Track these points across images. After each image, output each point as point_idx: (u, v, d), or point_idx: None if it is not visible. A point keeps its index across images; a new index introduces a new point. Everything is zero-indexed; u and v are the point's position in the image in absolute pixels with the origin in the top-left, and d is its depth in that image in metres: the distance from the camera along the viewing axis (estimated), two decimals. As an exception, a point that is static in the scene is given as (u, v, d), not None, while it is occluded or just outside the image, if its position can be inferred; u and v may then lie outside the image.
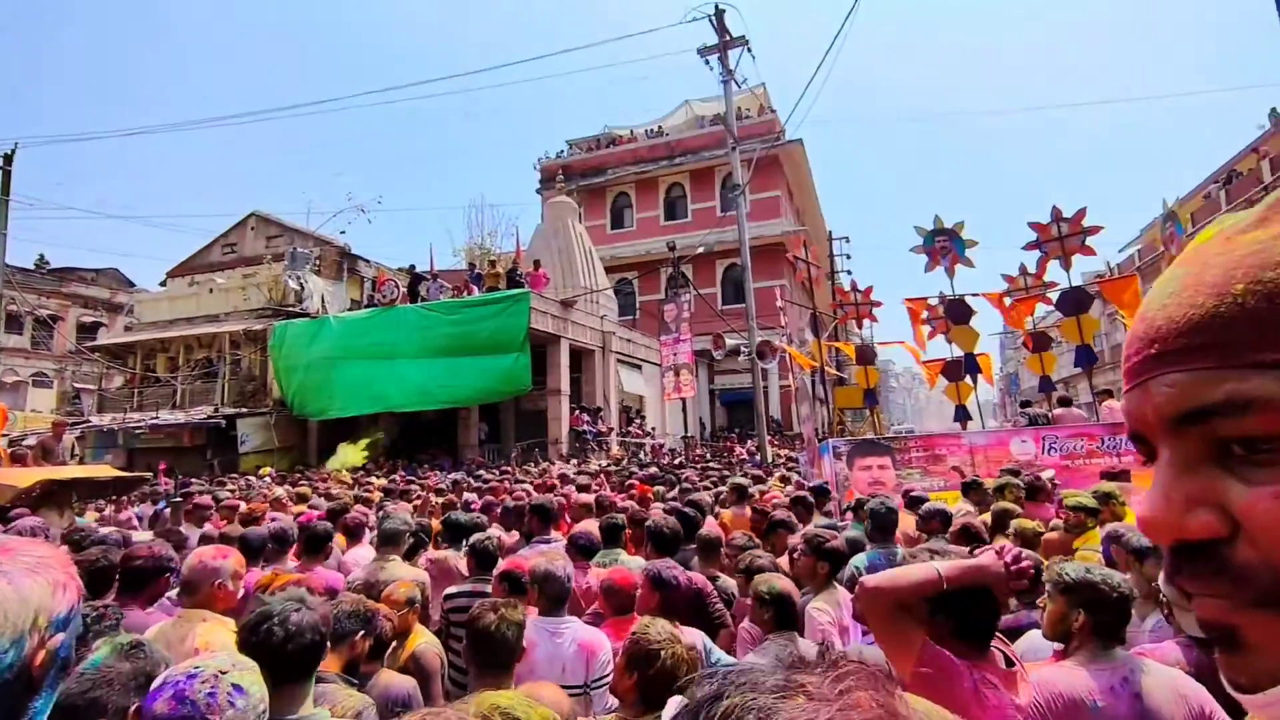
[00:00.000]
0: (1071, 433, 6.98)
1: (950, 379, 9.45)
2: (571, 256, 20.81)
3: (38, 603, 0.74)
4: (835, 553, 3.20)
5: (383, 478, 11.86)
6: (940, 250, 9.31)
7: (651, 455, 18.44)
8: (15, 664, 0.73)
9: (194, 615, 2.45)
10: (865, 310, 10.36)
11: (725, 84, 15.15)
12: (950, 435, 7.83)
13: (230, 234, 23.64)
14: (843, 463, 7.41)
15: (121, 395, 20.75)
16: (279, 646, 1.61)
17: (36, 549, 0.80)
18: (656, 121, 32.35)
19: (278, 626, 1.63)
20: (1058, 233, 8.55)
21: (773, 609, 2.53)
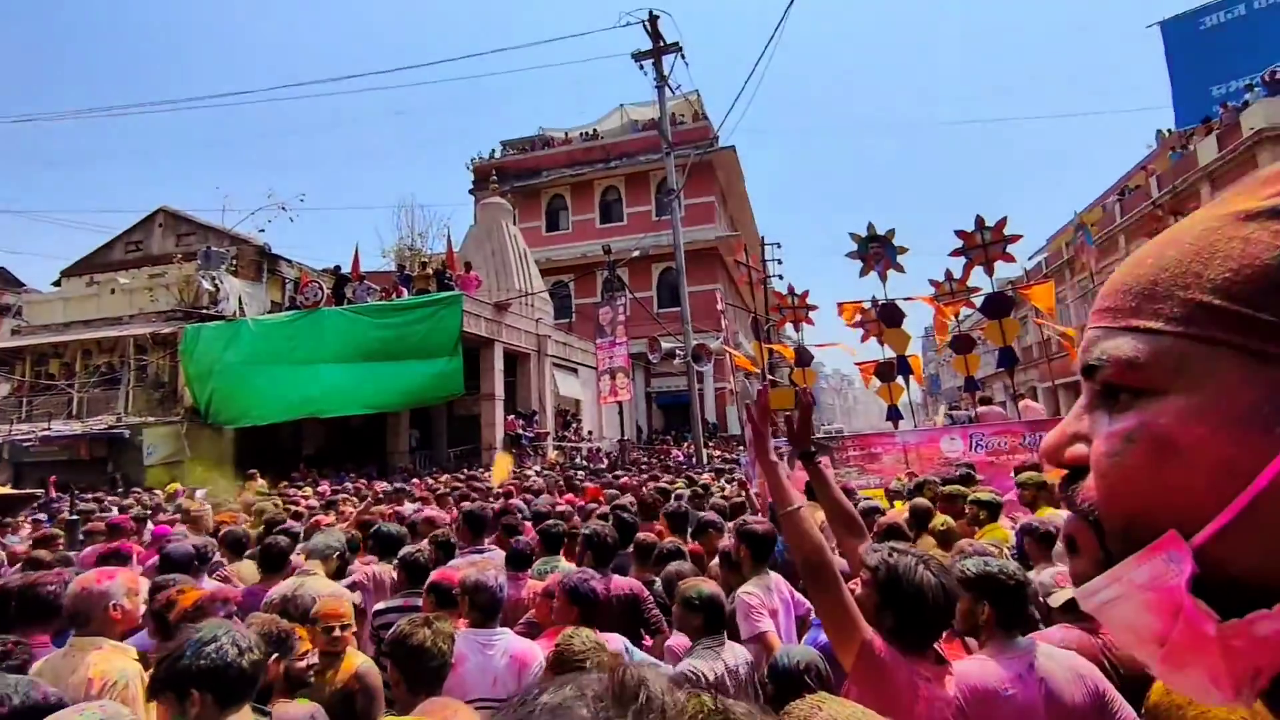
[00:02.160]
0: (996, 430, 7.34)
1: (883, 380, 9.84)
2: (505, 258, 20.52)
3: None
4: (755, 536, 3.28)
5: (307, 487, 11.33)
6: (874, 256, 9.70)
7: (588, 459, 18.38)
8: None
9: (86, 644, 2.26)
10: (802, 314, 10.66)
11: (659, 89, 15.30)
12: (885, 434, 8.13)
13: (135, 231, 22.10)
14: (784, 462, 7.59)
15: (8, 405, 19.02)
16: (220, 671, 1.54)
17: None
18: (591, 125, 32.33)
19: (229, 648, 1.58)
20: (981, 240, 9.02)
21: (701, 614, 2.56)
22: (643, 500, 5.48)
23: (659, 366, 23.95)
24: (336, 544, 3.93)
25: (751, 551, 3.21)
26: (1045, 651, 1.96)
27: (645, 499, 5.49)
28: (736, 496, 5.97)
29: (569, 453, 19.19)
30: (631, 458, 18.34)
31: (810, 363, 10.61)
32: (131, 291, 19.28)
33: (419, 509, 6.17)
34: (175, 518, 6.96)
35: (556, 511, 5.61)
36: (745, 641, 2.81)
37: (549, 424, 19.28)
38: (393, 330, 15.55)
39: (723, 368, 26.97)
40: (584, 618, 2.46)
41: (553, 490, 8.27)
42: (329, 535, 4.11)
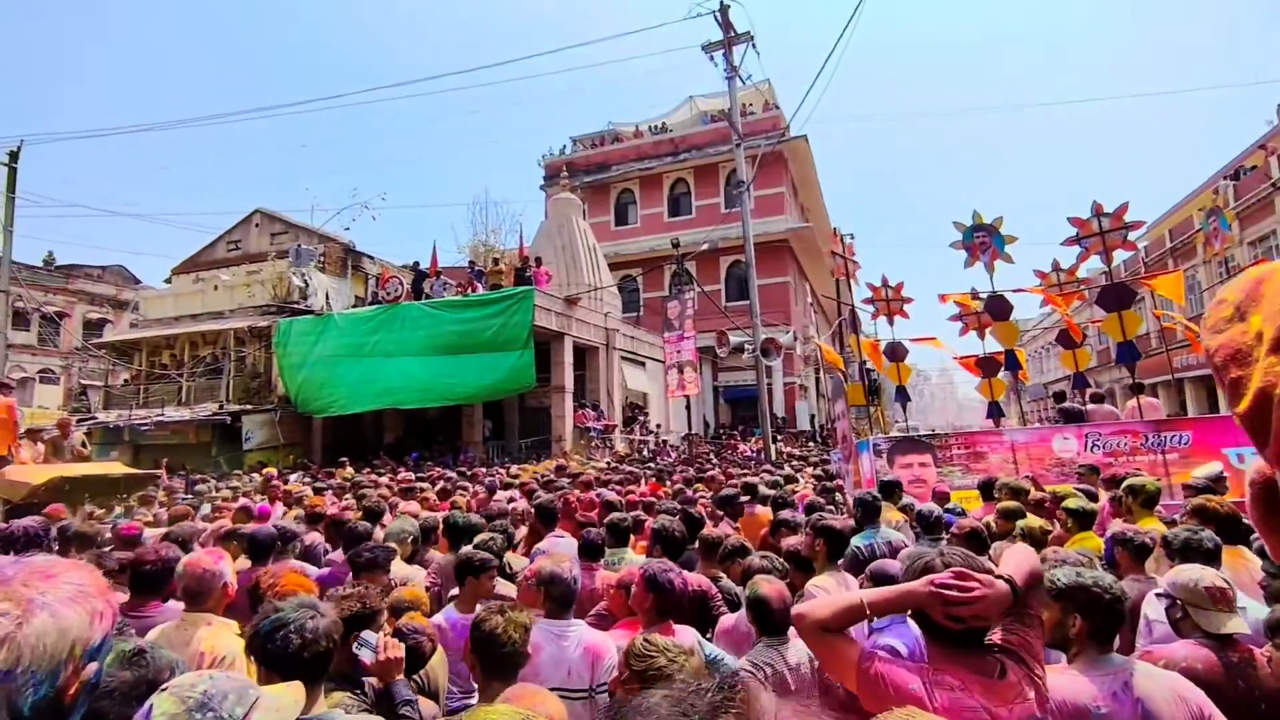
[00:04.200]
0: (1115, 430, 6.88)
1: (985, 375, 9.42)
2: (575, 253, 20.81)
3: (75, 633, 0.75)
4: (830, 531, 3.26)
5: (386, 475, 11.89)
6: (979, 245, 9.25)
7: (655, 452, 18.47)
8: (49, 695, 0.75)
9: (197, 619, 2.46)
10: (896, 306, 10.24)
11: (729, 80, 15.11)
12: (991, 432, 7.75)
13: (235, 231, 23.70)
14: (883, 460, 7.38)
15: (127, 392, 20.85)
16: (295, 653, 1.64)
17: (77, 575, 0.81)
18: (661, 118, 32.28)
19: (294, 634, 1.66)
20: (1099, 227, 8.46)
21: (752, 613, 2.55)
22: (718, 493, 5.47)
23: (726, 360, 23.74)
24: (411, 529, 4.14)
25: (828, 547, 3.18)
26: (1145, 671, 1.85)
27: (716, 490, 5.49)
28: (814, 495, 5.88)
29: (636, 445, 19.35)
30: (698, 451, 18.31)
31: (904, 358, 10.21)
32: (232, 287, 20.69)
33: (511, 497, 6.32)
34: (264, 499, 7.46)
35: (625, 503, 5.68)
36: None
37: (617, 417, 19.48)
38: (468, 324, 16.07)
39: (792, 362, 26.49)
40: (660, 607, 2.48)
41: (628, 482, 8.35)
42: (403, 521, 4.33)
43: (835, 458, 9.69)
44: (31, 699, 0.74)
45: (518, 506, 5.69)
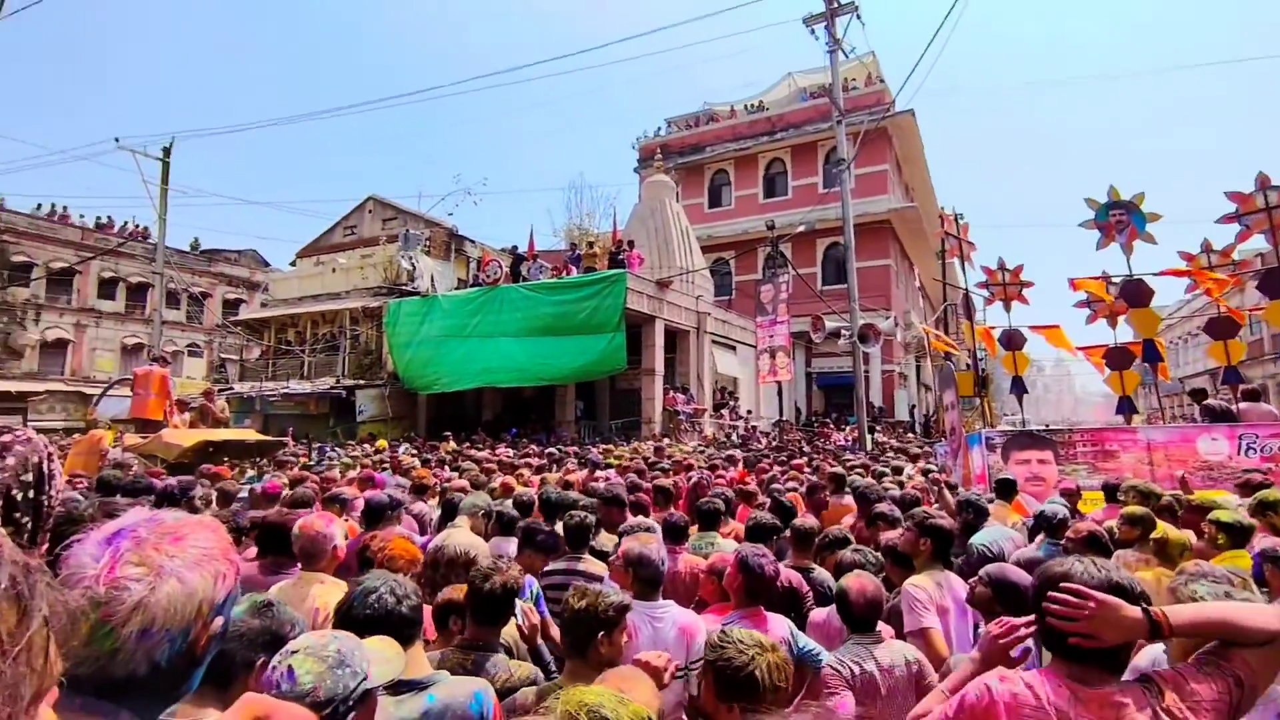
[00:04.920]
0: (1274, 432, 6.14)
1: (1114, 367, 8.66)
2: (668, 236, 20.78)
3: (201, 595, 0.85)
4: (937, 530, 3.09)
5: (485, 450, 12.44)
6: (1116, 225, 8.44)
7: (744, 437, 18.28)
8: (183, 648, 0.86)
9: (311, 578, 2.67)
10: (1014, 291, 9.54)
11: (831, 54, 14.50)
12: (1123, 430, 7.12)
13: (350, 217, 25.33)
14: (996, 455, 6.94)
15: (258, 365, 22.89)
16: (386, 616, 1.75)
17: (203, 537, 0.90)
18: (758, 96, 31.49)
19: (387, 595, 1.78)
20: (1264, 203, 7.50)
21: (841, 608, 2.49)
22: (814, 488, 5.36)
23: (821, 346, 23.06)
24: (483, 504, 4.33)
25: (934, 545, 3.05)
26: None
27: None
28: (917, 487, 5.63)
29: (725, 430, 19.22)
30: (789, 439, 17.96)
31: (1022, 346, 9.49)
32: (348, 270, 22.17)
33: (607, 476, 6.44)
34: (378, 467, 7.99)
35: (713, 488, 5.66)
36: (906, 635, 2.68)
37: (706, 401, 19.41)
38: (562, 307, 16.47)
39: (891, 349, 25.37)
40: (750, 589, 2.47)
41: (718, 467, 8.32)
42: (477, 496, 4.54)
43: (941, 451, 9.21)
44: (167, 653, 0.85)
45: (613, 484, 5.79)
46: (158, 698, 0.88)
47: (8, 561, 0.48)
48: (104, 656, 0.80)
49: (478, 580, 2.25)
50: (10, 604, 0.47)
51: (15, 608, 0.47)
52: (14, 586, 0.48)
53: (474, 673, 2.05)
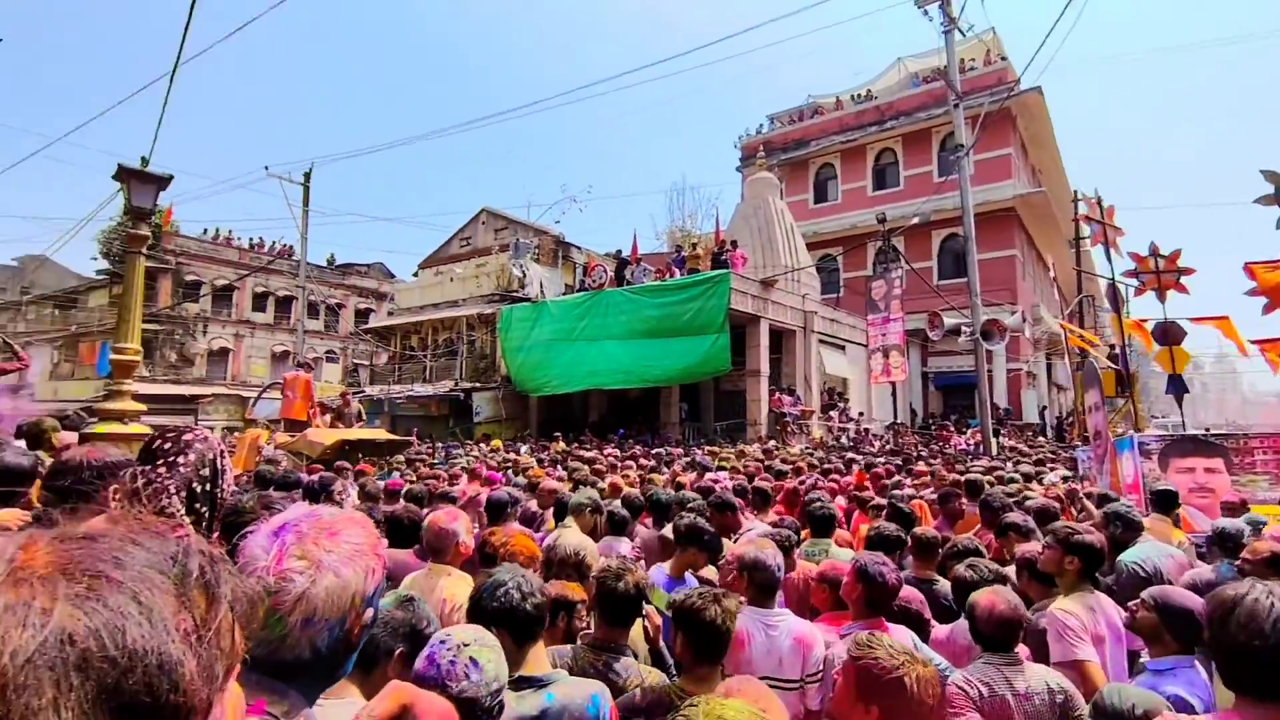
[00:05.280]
0: None
1: None
2: (772, 234, 20.38)
3: (354, 588, 0.93)
4: (1087, 548, 2.76)
5: (592, 450, 12.74)
6: None
7: (855, 440, 17.58)
8: (340, 636, 0.95)
9: (440, 570, 2.83)
10: (1170, 279, 8.52)
11: (947, 34, 13.65)
12: None
13: (466, 229, 26.78)
14: (1153, 462, 6.20)
15: (386, 370, 24.69)
16: (511, 611, 1.81)
17: (356, 533, 0.98)
18: (865, 85, 30.25)
19: (513, 590, 1.83)
20: None
21: (973, 624, 2.29)
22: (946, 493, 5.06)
23: (939, 344, 21.74)
24: (588, 501, 4.37)
25: (1082, 565, 2.76)
26: None
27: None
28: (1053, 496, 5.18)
29: (835, 433, 18.58)
30: (904, 442, 17.07)
31: (1181, 340, 8.45)
32: (464, 279, 23.45)
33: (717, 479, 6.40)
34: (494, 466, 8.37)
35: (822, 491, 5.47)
36: (1057, 666, 2.44)
37: (814, 402, 18.85)
38: (666, 309, 16.55)
39: (1018, 345, 23.51)
40: (870, 599, 2.36)
41: (834, 471, 8.05)
42: (582, 494, 4.60)
43: (1083, 457, 8.40)
44: (326, 640, 0.94)
45: (726, 487, 5.75)
46: (318, 680, 0.98)
47: (196, 552, 0.53)
48: (274, 641, 0.89)
49: (609, 580, 2.26)
50: (200, 591, 0.51)
51: (205, 595, 0.52)
52: (203, 575, 0.52)
53: (604, 673, 2.07)
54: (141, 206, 6.31)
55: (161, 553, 0.50)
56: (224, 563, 0.56)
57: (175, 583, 0.49)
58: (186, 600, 0.49)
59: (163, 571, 0.49)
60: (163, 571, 0.49)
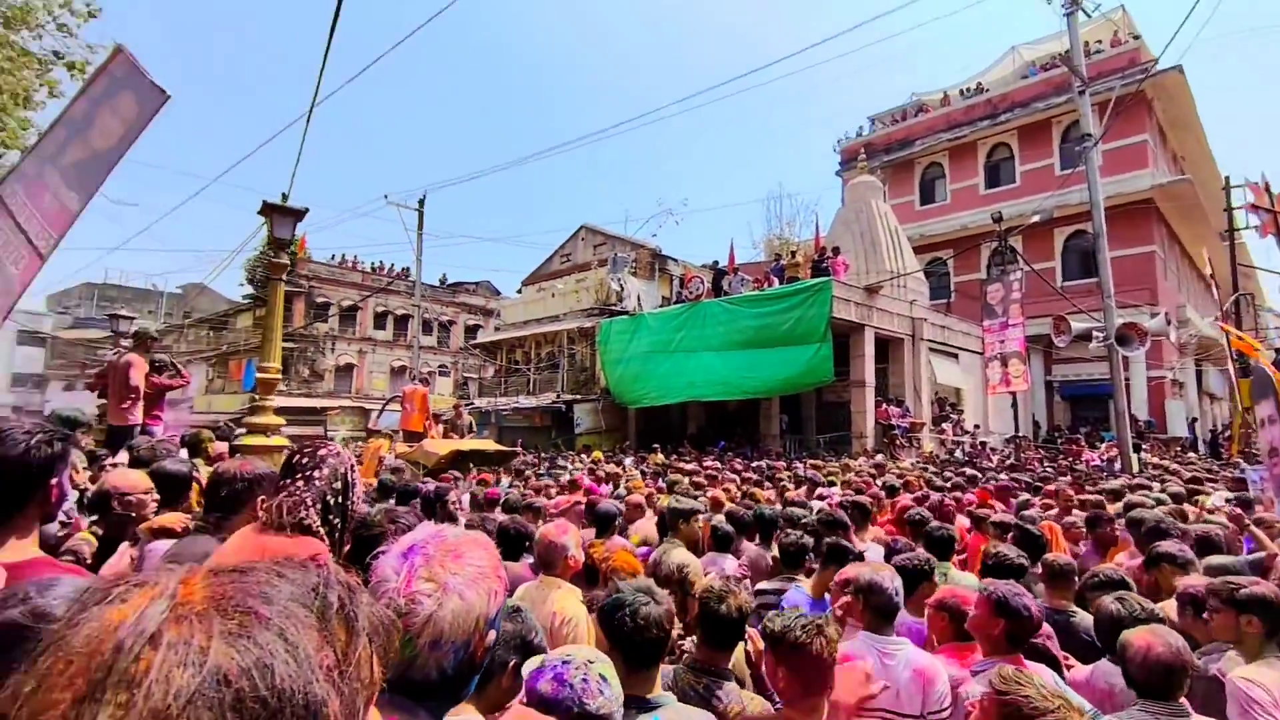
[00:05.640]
0: None
1: None
2: (875, 239, 19.60)
3: (478, 611, 0.96)
4: (1264, 604, 2.33)
5: (691, 462, 12.68)
6: None
7: (971, 455, 16.46)
8: (465, 658, 0.98)
9: (551, 583, 2.88)
10: None
11: (1069, 16, 12.65)
12: None
13: (566, 245, 27.61)
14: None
15: (493, 383, 25.78)
16: (629, 634, 1.78)
17: (479, 555, 1.01)
18: (974, 78, 28.60)
19: (628, 617, 1.80)
20: None
21: (1126, 666, 2.02)
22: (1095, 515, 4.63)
23: (1065, 351, 20.02)
24: (703, 510, 4.32)
25: (1264, 624, 2.34)
26: None
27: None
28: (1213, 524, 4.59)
29: (948, 446, 17.50)
30: (1027, 458, 15.79)
31: None
32: (564, 294, 24.15)
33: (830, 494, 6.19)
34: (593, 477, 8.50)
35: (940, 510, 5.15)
36: None
37: (924, 414, 17.86)
38: (765, 319, 16.27)
39: (1160, 351, 21.22)
40: (1012, 634, 2.15)
41: (958, 488, 7.55)
42: (695, 503, 4.54)
43: (1255, 477, 7.41)
44: (452, 662, 0.97)
45: (834, 503, 5.55)
46: (445, 700, 1.02)
47: (336, 584, 0.55)
48: (404, 662, 0.93)
49: (712, 601, 2.21)
50: (341, 624, 0.52)
51: (345, 628, 0.52)
52: (343, 608, 0.53)
53: (704, 698, 2.02)
54: (282, 237, 6.96)
55: (304, 585, 0.52)
56: (361, 593, 0.57)
57: (318, 616, 0.50)
58: (328, 635, 0.50)
59: (306, 605, 0.50)
60: (306, 605, 0.50)
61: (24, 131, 9.15)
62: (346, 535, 1.63)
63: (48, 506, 1.51)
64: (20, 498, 1.45)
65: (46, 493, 1.48)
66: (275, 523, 1.50)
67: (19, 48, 8.76)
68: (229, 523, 1.89)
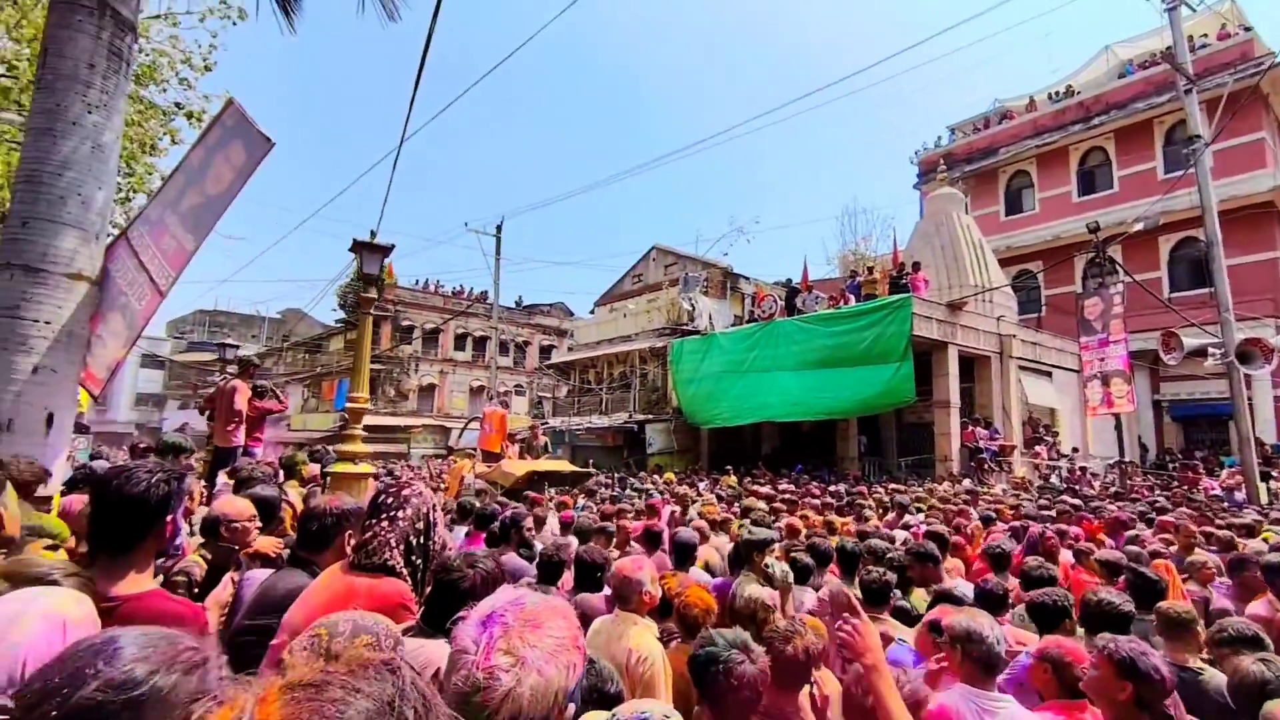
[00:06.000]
0: None
1: None
2: (957, 252, 18.79)
3: (557, 685, 0.95)
4: None
5: (765, 484, 12.41)
6: None
7: (1069, 481, 15.35)
8: None
9: (627, 619, 2.83)
10: None
11: (1172, 11, 11.85)
12: None
13: (638, 266, 27.90)
14: None
15: (566, 403, 26.20)
16: (722, 692, 1.72)
17: (559, 625, 1.00)
18: (1064, 81, 27.18)
19: (720, 675, 1.75)
20: None
21: None
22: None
23: (1176, 369, 18.47)
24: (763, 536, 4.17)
25: None
26: None
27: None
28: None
29: (1043, 471, 16.39)
30: (1134, 485, 14.57)
31: None
32: (636, 315, 24.34)
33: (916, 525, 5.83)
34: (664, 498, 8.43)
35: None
36: None
37: (1015, 436, 16.83)
38: (841, 338, 15.83)
39: (1290, 368, 19.22)
40: (1141, 700, 1.95)
41: (1062, 518, 7.00)
42: (761, 533, 4.39)
43: None
44: None
45: (918, 532, 5.29)
46: None
47: (411, 695, 0.54)
48: None
49: (777, 642, 2.15)
50: None
51: None
52: None
53: None
54: (370, 273, 7.33)
55: (380, 699, 0.51)
56: (437, 706, 0.56)
57: None
58: None
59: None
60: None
61: (149, 176, 10.06)
62: (428, 575, 1.67)
63: (163, 542, 1.62)
64: (139, 533, 1.57)
65: (162, 529, 1.59)
66: (361, 563, 1.55)
67: (146, 101, 9.67)
68: (320, 557, 1.99)
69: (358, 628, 1.15)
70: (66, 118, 4.01)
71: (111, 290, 4.36)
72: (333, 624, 1.16)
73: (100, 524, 1.55)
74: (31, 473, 2.98)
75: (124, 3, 4.33)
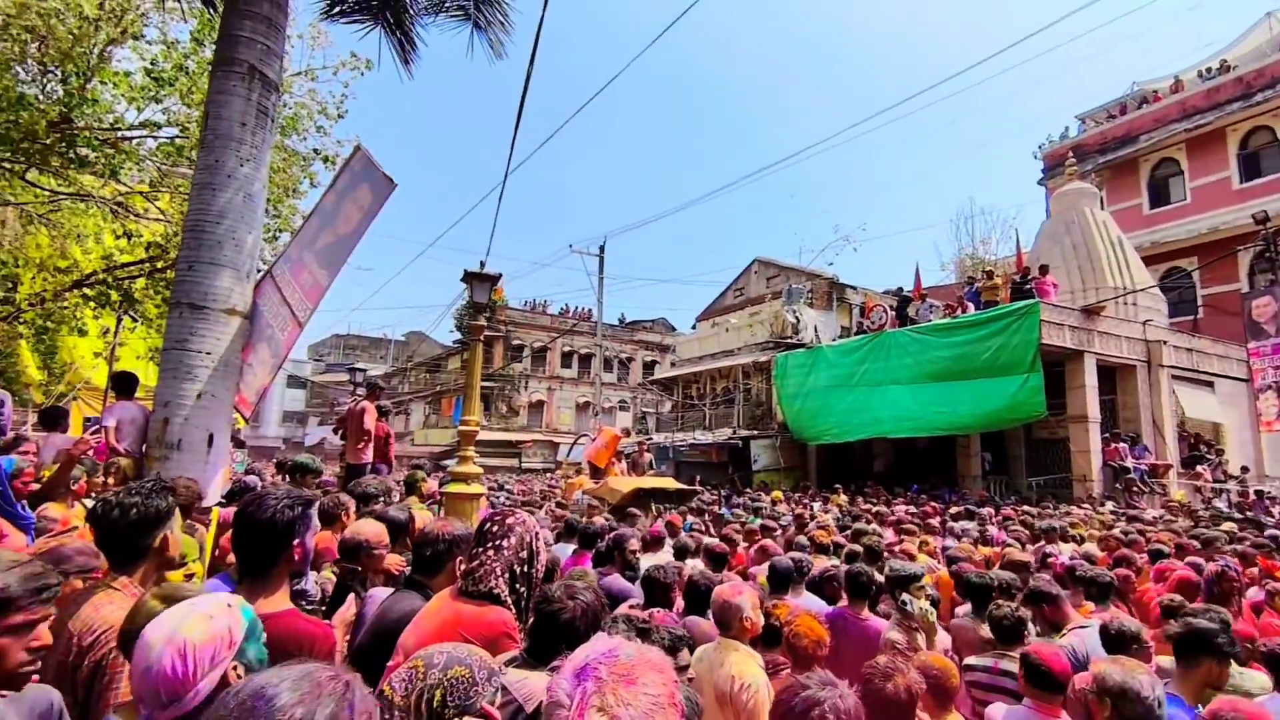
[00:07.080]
0: None
1: None
2: (1092, 252, 17.18)
3: None
4: None
5: (879, 504, 11.79)
6: None
7: (1242, 505, 13.48)
8: None
9: (728, 645, 2.77)
10: None
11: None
12: None
13: (739, 280, 27.63)
14: None
15: (669, 418, 26.26)
16: None
17: (655, 681, 0.98)
18: (1215, 57, 24.35)
19: (799, 711, 1.65)
20: None
21: None
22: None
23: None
24: (921, 570, 3.92)
25: None
26: None
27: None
28: None
29: (1207, 495, 14.50)
30: (1326, 510, 12.56)
31: None
32: (738, 329, 24.08)
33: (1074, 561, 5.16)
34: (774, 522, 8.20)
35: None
36: None
37: (1169, 454, 15.03)
38: (960, 348, 14.86)
39: None
40: None
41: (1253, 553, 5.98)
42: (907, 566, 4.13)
43: None
44: None
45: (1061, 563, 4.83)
46: None
47: None
48: None
49: (876, 680, 2.03)
50: None
51: None
52: None
53: None
54: (480, 301, 7.72)
55: None
56: None
57: None
58: None
59: None
60: None
61: (293, 216, 11.16)
62: (531, 606, 1.70)
63: (293, 565, 1.76)
64: (272, 556, 1.71)
65: (292, 552, 1.72)
66: (468, 590, 1.60)
67: (289, 150, 10.75)
68: (433, 581, 2.09)
69: (451, 659, 1.19)
70: (223, 171, 4.53)
71: (260, 323, 4.86)
72: (428, 656, 1.21)
73: (239, 548, 1.72)
74: (190, 495, 3.36)
75: (270, 66, 4.85)
